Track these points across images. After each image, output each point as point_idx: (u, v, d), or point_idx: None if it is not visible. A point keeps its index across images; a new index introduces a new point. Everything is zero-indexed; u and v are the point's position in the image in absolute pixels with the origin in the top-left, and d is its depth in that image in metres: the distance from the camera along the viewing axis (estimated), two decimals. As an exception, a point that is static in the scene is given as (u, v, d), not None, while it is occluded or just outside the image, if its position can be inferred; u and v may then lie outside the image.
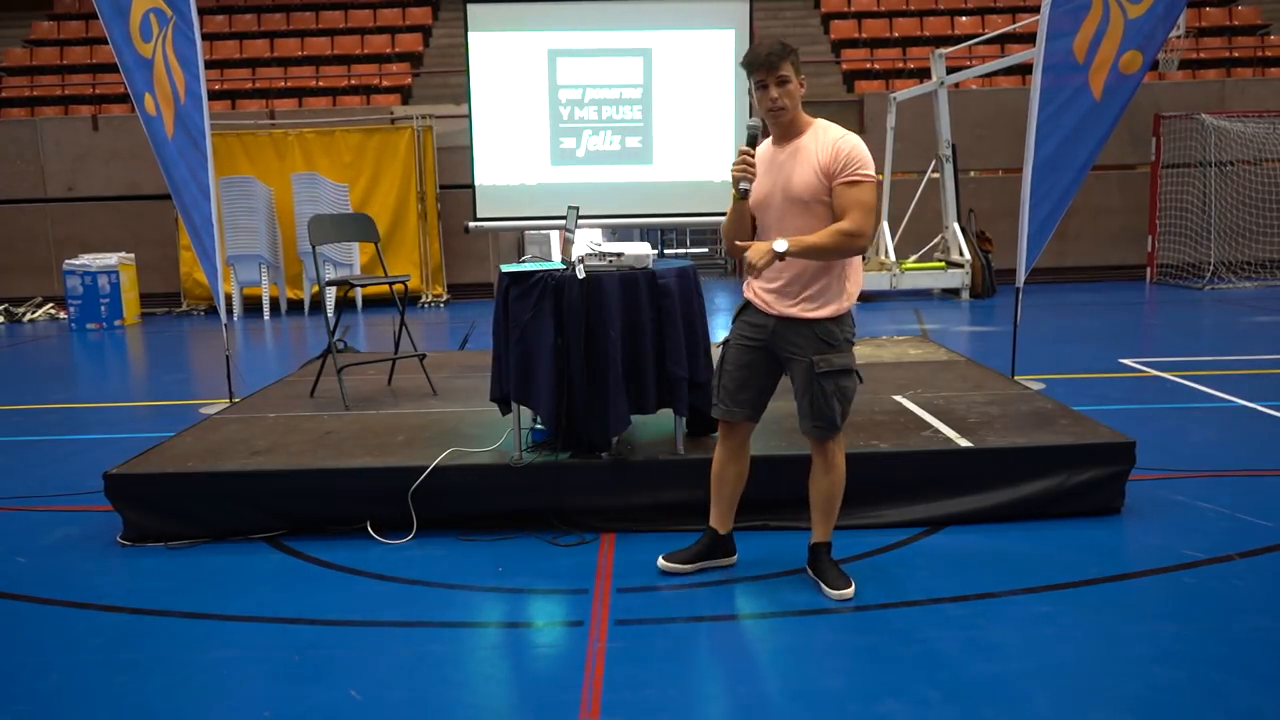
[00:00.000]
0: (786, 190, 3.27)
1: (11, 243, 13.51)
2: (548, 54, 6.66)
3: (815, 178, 3.22)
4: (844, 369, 3.33)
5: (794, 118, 3.28)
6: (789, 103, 3.24)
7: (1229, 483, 4.48)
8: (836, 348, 3.32)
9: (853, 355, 3.38)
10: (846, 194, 3.19)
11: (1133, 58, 5.63)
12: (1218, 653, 2.92)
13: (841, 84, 15.48)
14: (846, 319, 3.36)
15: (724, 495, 3.64)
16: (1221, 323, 9.64)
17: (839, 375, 3.32)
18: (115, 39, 5.96)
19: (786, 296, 3.33)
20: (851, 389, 3.37)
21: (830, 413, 3.32)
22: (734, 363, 3.47)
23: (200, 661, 3.05)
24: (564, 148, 6.76)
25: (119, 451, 4.77)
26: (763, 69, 3.21)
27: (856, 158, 3.20)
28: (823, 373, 3.30)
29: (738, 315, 3.51)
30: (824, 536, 3.50)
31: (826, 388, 3.31)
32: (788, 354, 3.37)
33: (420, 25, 16.57)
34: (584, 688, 2.83)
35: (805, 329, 3.31)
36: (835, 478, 3.45)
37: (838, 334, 3.33)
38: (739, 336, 3.47)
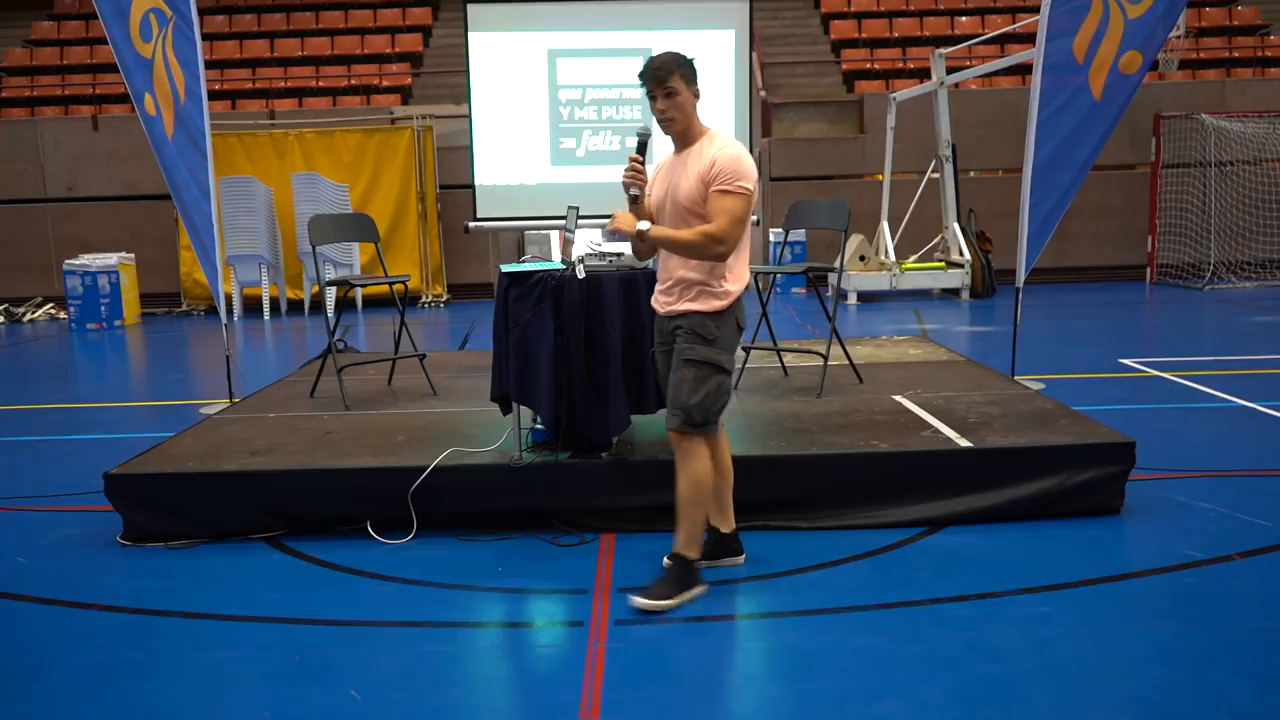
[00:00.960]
0: (674, 197, 3.38)
1: (11, 243, 13.51)
2: (548, 54, 6.66)
3: (697, 186, 3.32)
4: (707, 361, 3.35)
5: (687, 128, 3.38)
6: (676, 114, 3.34)
7: (1229, 483, 4.48)
8: (707, 340, 3.36)
9: (727, 357, 3.40)
10: (716, 201, 3.29)
11: (1132, 58, 5.63)
12: (1218, 653, 2.92)
13: (841, 84, 15.48)
14: (726, 319, 3.39)
15: (714, 494, 3.61)
16: (1221, 323, 9.64)
17: (701, 365, 3.35)
18: (115, 39, 5.96)
19: (671, 295, 3.44)
20: (715, 387, 3.36)
21: (683, 400, 3.33)
22: (661, 370, 3.60)
23: (200, 661, 3.05)
24: (564, 148, 6.76)
25: (119, 451, 4.77)
26: (651, 80, 3.33)
27: (731, 169, 3.27)
28: (686, 359, 3.36)
29: (653, 325, 3.61)
30: (679, 546, 3.41)
31: (686, 374, 3.35)
32: (670, 347, 3.46)
33: (420, 25, 16.57)
34: (584, 688, 2.83)
35: (683, 321, 3.40)
36: (686, 478, 3.38)
37: (711, 328, 3.36)
38: (657, 345, 3.60)
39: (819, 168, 13.68)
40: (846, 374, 5.65)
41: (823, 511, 4.09)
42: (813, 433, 4.48)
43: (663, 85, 3.32)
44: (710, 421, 3.40)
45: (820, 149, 13.77)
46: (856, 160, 13.74)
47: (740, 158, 3.31)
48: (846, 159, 13.75)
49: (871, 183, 13.29)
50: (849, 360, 5.73)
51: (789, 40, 16.49)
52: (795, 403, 5.10)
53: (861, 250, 12.38)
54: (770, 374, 5.89)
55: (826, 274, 6.54)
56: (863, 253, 12.39)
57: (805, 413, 4.86)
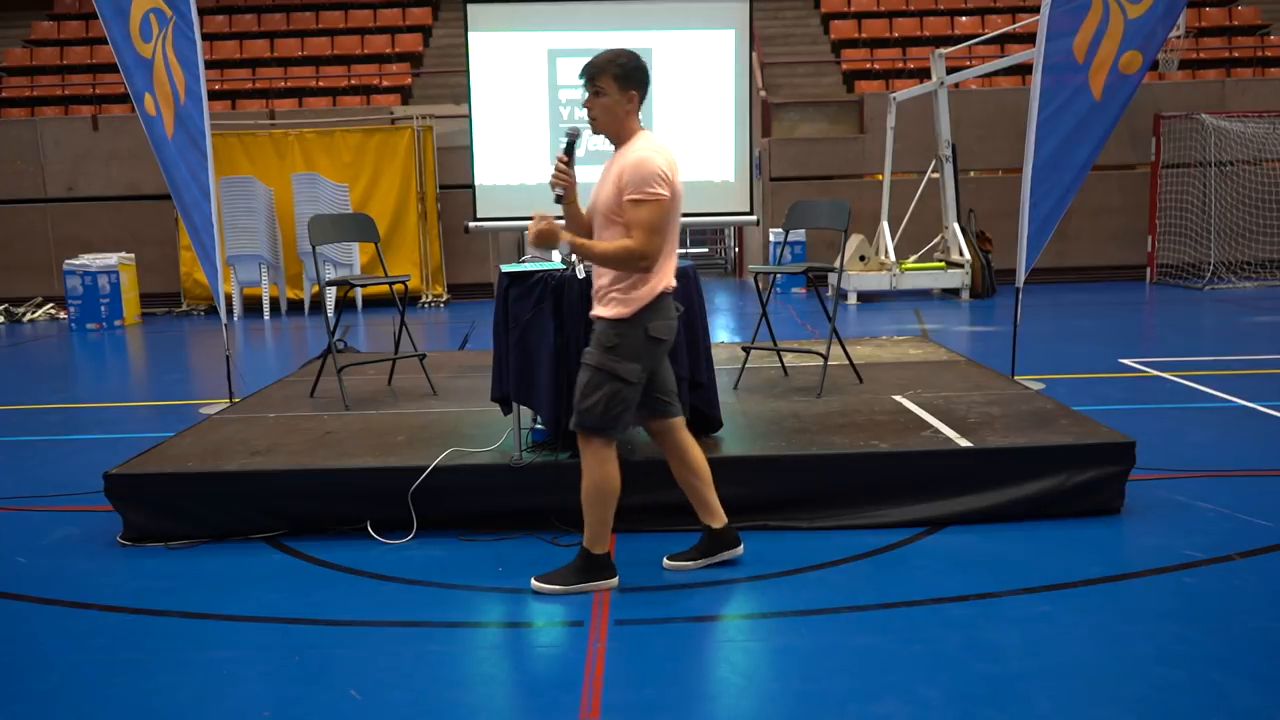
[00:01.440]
0: (596, 202, 3.41)
1: (11, 243, 13.52)
2: (548, 54, 6.65)
3: (613, 193, 3.30)
4: (601, 367, 3.34)
5: (618, 130, 3.37)
6: (600, 114, 3.35)
7: (1229, 483, 4.48)
8: (605, 347, 3.35)
9: (626, 366, 3.34)
10: (629, 213, 3.26)
11: (1132, 58, 5.63)
12: (1218, 653, 2.92)
13: (841, 84, 15.48)
14: (631, 327, 3.34)
15: (692, 494, 3.65)
16: (1221, 323, 9.64)
17: (595, 371, 3.34)
18: (115, 39, 5.96)
19: (595, 299, 3.45)
20: (611, 395, 3.33)
21: (582, 404, 3.35)
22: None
23: (200, 661, 3.05)
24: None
25: (119, 451, 4.77)
26: (583, 77, 3.37)
27: (636, 177, 3.23)
28: (583, 362, 3.39)
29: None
30: (585, 541, 3.49)
31: (581, 377, 3.38)
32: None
33: (420, 25, 16.57)
34: (584, 688, 2.83)
35: (594, 327, 3.43)
36: (587, 479, 3.43)
37: (611, 335, 3.34)
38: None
39: (819, 168, 13.68)
40: (846, 374, 5.65)
41: (823, 511, 4.09)
42: (813, 433, 4.48)
43: (592, 83, 3.35)
44: (608, 427, 3.38)
45: (820, 149, 13.77)
46: (856, 160, 13.74)
47: (645, 162, 3.23)
48: (846, 159, 13.75)
49: (871, 183, 13.29)
50: (849, 360, 5.73)
51: (789, 40, 16.49)
52: (795, 403, 5.10)
53: (861, 250, 12.38)
54: (770, 374, 5.89)
55: (826, 274, 6.54)
56: (863, 253, 12.39)
57: (805, 413, 4.86)
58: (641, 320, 3.34)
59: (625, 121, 3.36)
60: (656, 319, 3.37)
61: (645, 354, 3.38)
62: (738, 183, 6.84)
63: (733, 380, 5.59)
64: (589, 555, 3.51)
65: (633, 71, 3.32)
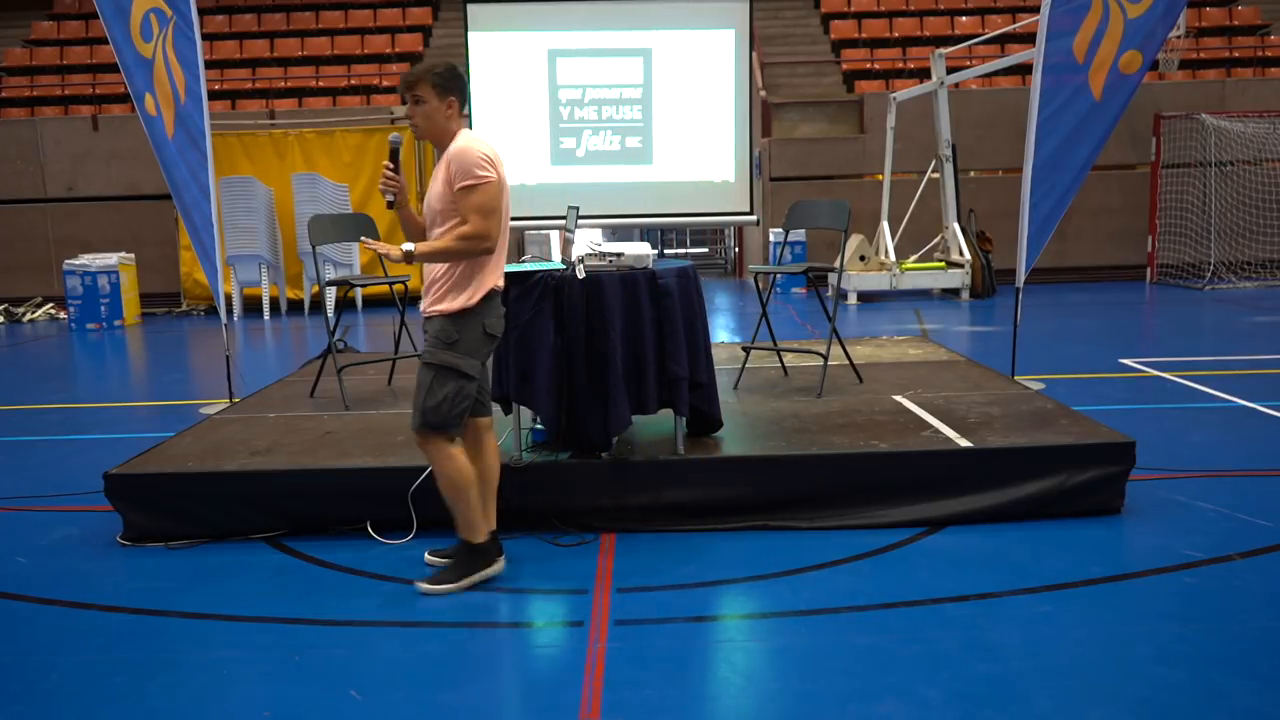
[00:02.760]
0: (429, 203, 3.50)
1: (11, 243, 13.52)
2: (548, 54, 6.65)
3: (444, 189, 3.43)
4: (445, 365, 3.42)
5: (440, 134, 3.47)
6: (420, 121, 3.45)
7: (1229, 483, 4.48)
8: (446, 344, 3.44)
9: (468, 362, 3.45)
10: (461, 201, 3.39)
11: (1132, 57, 5.63)
12: (1218, 653, 2.92)
13: (841, 84, 15.48)
14: (470, 322, 3.44)
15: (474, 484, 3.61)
16: (1221, 323, 9.64)
17: (439, 370, 3.43)
18: (115, 39, 5.96)
19: (428, 296, 3.51)
20: (454, 392, 3.42)
21: (425, 404, 3.42)
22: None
23: (200, 661, 3.05)
24: (564, 148, 6.75)
25: (119, 451, 4.77)
26: (403, 87, 3.46)
27: (463, 165, 3.37)
28: (425, 363, 3.46)
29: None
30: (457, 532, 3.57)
31: (423, 379, 3.45)
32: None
33: (420, 25, 16.57)
34: (584, 688, 2.83)
35: (430, 325, 3.49)
36: (441, 478, 3.50)
37: (452, 332, 3.44)
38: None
39: (819, 168, 13.68)
40: (846, 374, 5.65)
41: (823, 511, 4.09)
42: (813, 433, 4.48)
43: (411, 91, 3.43)
44: (449, 425, 3.46)
45: (820, 149, 13.77)
46: (856, 160, 13.74)
47: (467, 150, 3.39)
48: (846, 159, 13.75)
49: (871, 183, 13.29)
50: (849, 360, 5.73)
51: (789, 40, 16.49)
52: (795, 403, 5.10)
53: (861, 250, 12.38)
54: (770, 374, 5.89)
55: (826, 274, 6.54)
56: (863, 253, 12.39)
57: (805, 413, 4.86)
58: (479, 315, 3.46)
59: (447, 126, 3.48)
60: (492, 316, 3.51)
61: (482, 349, 3.52)
62: (738, 183, 6.84)
63: (733, 380, 5.59)
64: (470, 546, 3.56)
65: (449, 80, 3.46)
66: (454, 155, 3.41)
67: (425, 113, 3.44)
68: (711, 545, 3.92)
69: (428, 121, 3.46)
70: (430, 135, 3.49)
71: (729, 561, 3.75)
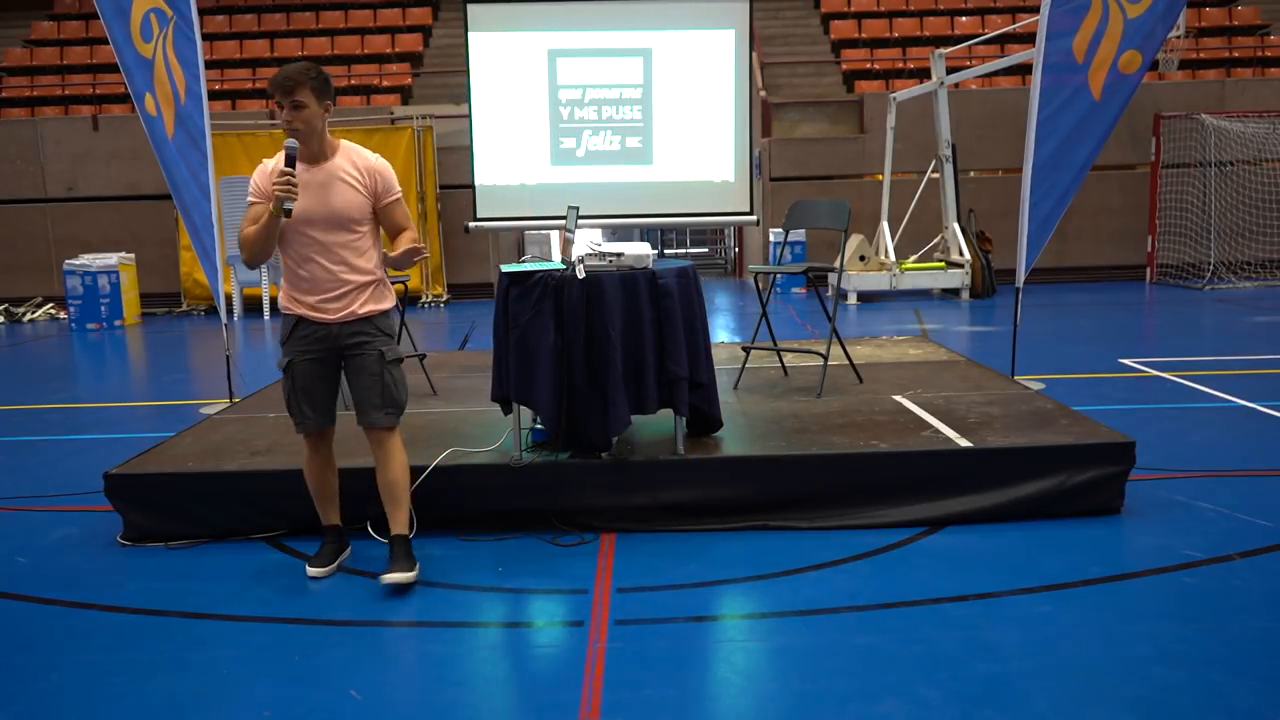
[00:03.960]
0: (329, 209, 3.51)
1: (11, 243, 13.52)
2: (548, 54, 6.66)
3: (359, 198, 3.54)
4: (400, 358, 3.68)
5: (320, 142, 3.54)
6: (302, 126, 3.48)
7: (1229, 483, 4.48)
8: (392, 335, 3.68)
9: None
10: (395, 211, 3.62)
11: (1132, 57, 5.63)
12: (1218, 653, 2.92)
13: (841, 84, 15.48)
14: (394, 314, 3.74)
15: (331, 497, 3.81)
16: (1221, 323, 9.64)
17: (398, 362, 3.66)
18: (116, 39, 5.96)
19: (344, 300, 3.56)
20: (403, 378, 3.69)
21: (401, 399, 3.64)
22: (307, 378, 3.62)
23: (200, 661, 3.05)
24: (564, 148, 6.76)
25: (119, 451, 4.77)
26: (279, 91, 3.45)
27: (388, 180, 3.61)
28: (391, 360, 3.62)
29: (290, 335, 3.62)
30: (401, 528, 3.65)
31: (394, 373, 3.62)
32: (351, 351, 3.60)
33: (420, 25, 16.57)
34: (584, 688, 2.83)
35: (374, 323, 3.61)
36: (403, 462, 3.68)
37: (390, 325, 3.69)
38: (302, 353, 3.60)
39: (819, 168, 13.68)
40: (846, 374, 5.65)
41: (823, 511, 4.09)
42: (813, 433, 4.48)
43: (290, 96, 3.45)
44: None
45: (820, 149, 13.77)
46: (856, 160, 13.74)
47: (386, 167, 3.63)
48: (846, 159, 13.75)
49: (871, 183, 13.29)
50: (849, 360, 5.73)
51: (789, 40, 16.49)
52: (795, 403, 5.10)
53: (861, 250, 12.38)
54: (770, 374, 5.89)
55: (826, 274, 6.54)
56: (863, 253, 12.39)
57: (805, 413, 4.86)
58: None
59: (324, 131, 3.56)
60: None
61: None
62: (738, 183, 6.84)
63: (733, 380, 5.59)
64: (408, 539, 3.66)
65: (326, 83, 3.54)
66: (377, 168, 3.59)
67: (306, 117, 3.47)
68: (711, 545, 3.92)
69: (309, 126, 3.48)
70: (308, 140, 3.50)
71: (729, 561, 3.75)
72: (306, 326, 3.59)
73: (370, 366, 3.58)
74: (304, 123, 3.47)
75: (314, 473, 3.74)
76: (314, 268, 3.54)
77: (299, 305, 3.58)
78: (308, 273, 3.55)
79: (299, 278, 3.57)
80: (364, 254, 3.59)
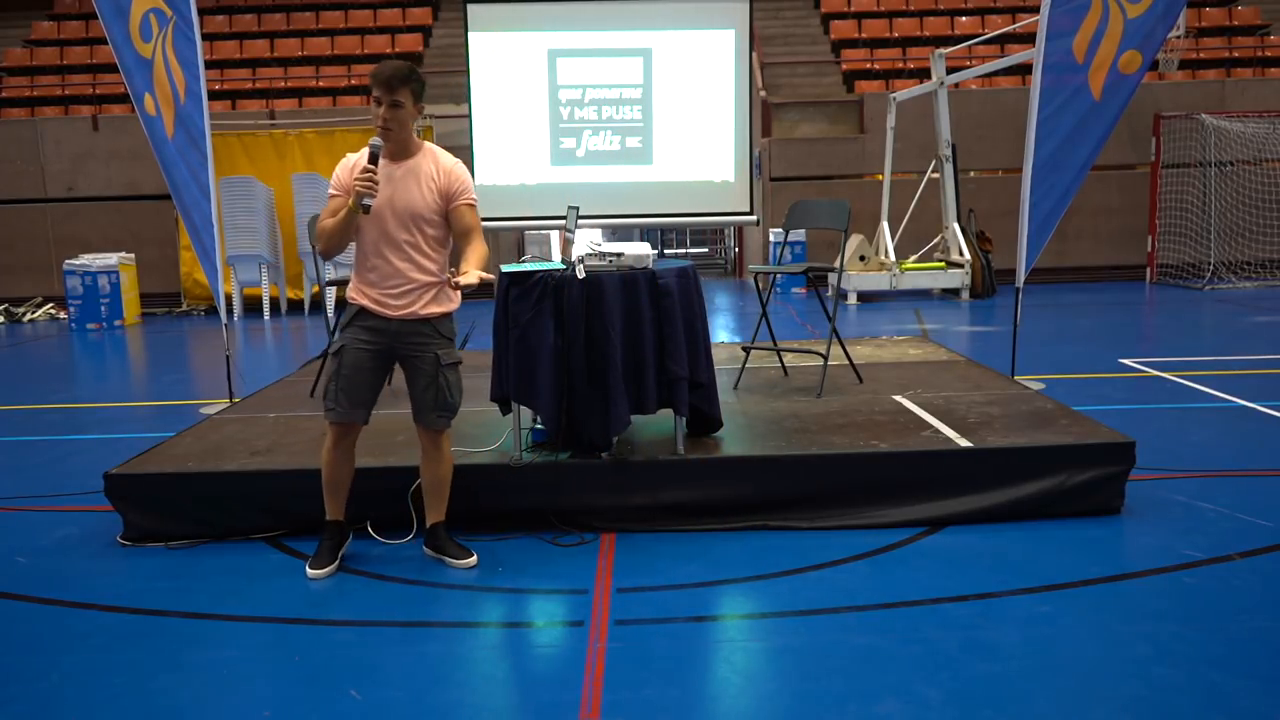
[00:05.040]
0: (400, 207, 3.53)
1: (11, 243, 13.52)
2: (548, 54, 6.66)
3: (433, 198, 3.56)
4: (459, 361, 3.72)
5: (407, 141, 3.56)
6: (395, 126, 3.48)
7: (1229, 483, 4.48)
8: (452, 342, 3.70)
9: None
10: (468, 216, 3.61)
11: (1132, 57, 5.63)
12: (1218, 653, 2.92)
13: (841, 84, 15.48)
14: (455, 318, 3.75)
15: (340, 492, 3.80)
16: (1221, 323, 9.64)
17: (457, 366, 3.70)
18: (115, 39, 5.96)
19: (408, 299, 3.59)
20: (460, 380, 3.73)
21: (455, 402, 3.70)
22: (353, 367, 3.63)
23: (200, 661, 3.05)
24: (564, 148, 6.76)
25: (119, 451, 4.77)
26: (382, 88, 3.45)
27: (465, 182, 3.61)
28: (447, 364, 3.65)
29: (349, 322, 3.67)
30: (441, 516, 3.82)
31: (450, 379, 3.66)
32: (409, 351, 3.63)
33: (420, 25, 16.57)
34: (584, 688, 2.83)
35: (435, 326, 3.64)
36: (450, 462, 3.81)
37: (451, 329, 3.72)
38: (356, 342, 3.64)
39: (819, 168, 13.68)
40: (846, 374, 5.65)
41: (823, 511, 4.09)
42: (813, 433, 4.48)
43: (392, 94, 3.44)
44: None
45: (820, 149, 13.77)
46: (856, 160, 13.74)
47: (461, 168, 3.63)
48: (846, 159, 13.75)
49: (871, 183, 13.29)
50: (849, 360, 5.73)
51: (789, 40, 16.49)
52: (795, 403, 5.10)
53: (861, 250, 12.38)
54: (770, 374, 5.89)
55: (826, 274, 6.54)
56: (863, 253, 12.39)
57: (805, 413, 4.86)
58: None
59: (412, 134, 3.58)
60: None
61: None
62: (738, 183, 6.85)
63: (733, 380, 5.59)
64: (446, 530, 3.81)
65: (423, 87, 3.57)
66: (456, 169, 3.59)
67: (401, 117, 3.47)
68: (711, 545, 3.92)
69: (402, 126, 3.49)
70: (398, 141, 3.51)
71: (729, 561, 3.75)
72: (367, 317, 3.61)
73: (426, 370, 3.62)
74: (397, 122, 3.47)
75: (332, 463, 3.72)
76: (382, 262, 3.56)
77: (364, 296, 3.62)
78: (376, 266, 3.58)
79: (367, 270, 3.60)
80: (433, 254, 3.60)
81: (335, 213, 3.54)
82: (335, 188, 3.58)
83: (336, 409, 3.63)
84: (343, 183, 3.55)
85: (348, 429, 3.69)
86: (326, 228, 3.54)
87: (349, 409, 3.63)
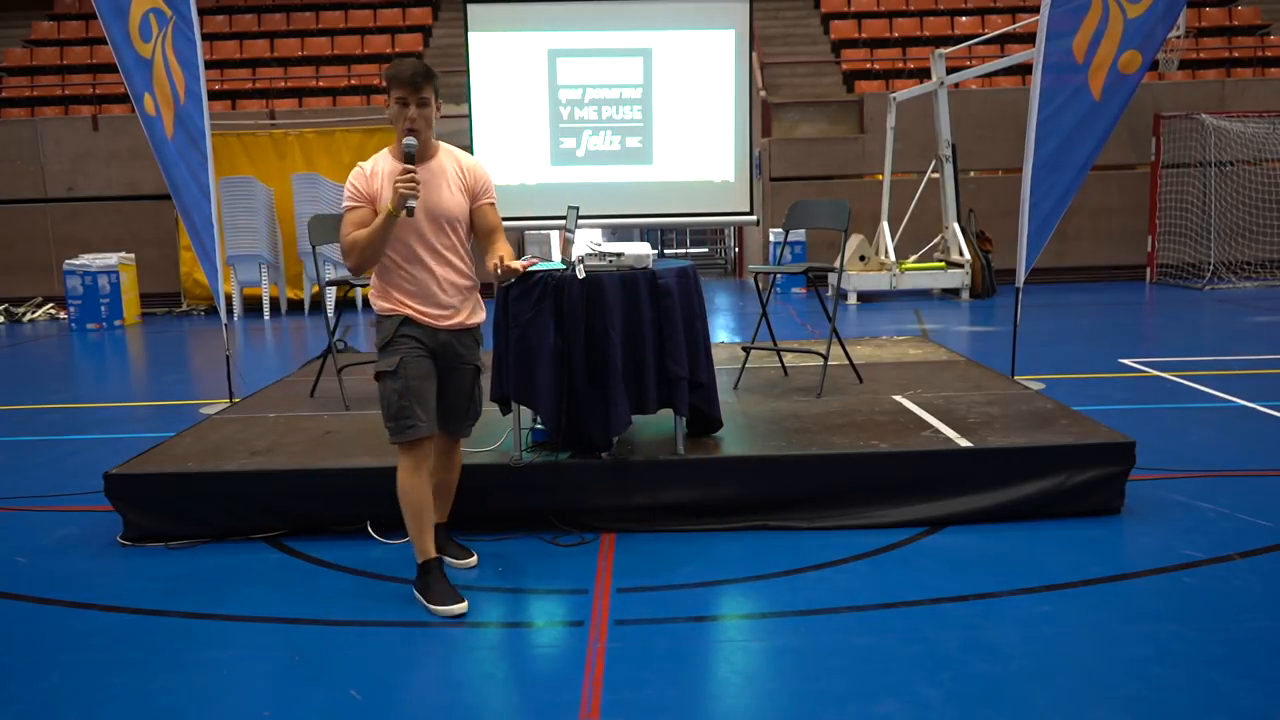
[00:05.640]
0: (435, 209, 3.42)
1: (11, 243, 13.52)
2: (548, 54, 6.65)
3: (461, 198, 3.48)
4: (484, 368, 3.73)
5: (429, 140, 3.45)
6: (423, 125, 3.37)
7: (1229, 483, 4.48)
8: (481, 346, 3.67)
9: None
10: (492, 215, 3.56)
11: (1132, 57, 5.63)
12: (1218, 653, 2.92)
13: (841, 84, 15.48)
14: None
15: (430, 522, 3.47)
16: (1221, 323, 9.64)
17: (481, 372, 3.70)
18: (115, 39, 5.96)
19: (460, 309, 3.53)
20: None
21: (478, 407, 3.69)
22: (418, 377, 3.39)
23: (200, 661, 3.05)
24: (564, 148, 6.76)
25: (119, 451, 4.77)
26: (407, 87, 3.32)
27: (487, 181, 3.56)
28: (478, 368, 3.66)
29: (396, 333, 3.40)
30: (444, 518, 3.83)
31: (481, 387, 3.69)
32: (454, 362, 3.55)
33: (420, 25, 16.57)
34: (584, 688, 2.83)
35: (468, 336, 3.58)
36: (460, 465, 3.83)
37: (483, 335, 3.69)
38: (413, 351, 3.40)
39: (819, 168, 13.68)
40: (846, 374, 5.65)
41: (823, 511, 4.09)
42: (813, 433, 4.48)
43: (419, 93, 3.33)
44: None
45: (820, 149, 13.77)
46: (856, 160, 13.74)
47: (482, 166, 3.58)
48: (846, 159, 13.76)
49: (871, 183, 13.29)
50: (849, 360, 5.73)
51: (789, 40, 16.49)
52: (795, 403, 5.10)
53: (861, 250, 12.38)
54: (770, 374, 5.89)
55: (826, 274, 6.54)
56: (863, 253, 12.39)
57: (805, 413, 4.86)
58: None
59: (433, 132, 3.50)
60: None
61: None
62: (738, 183, 6.84)
63: (733, 380, 5.59)
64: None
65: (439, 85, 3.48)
66: (475, 168, 3.54)
67: (428, 116, 3.35)
68: (711, 545, 3.92)
69: (428, 124, 3.37)
70: (424, 141, 3.39)
71: (729, 561, 3.76)
72: (414, 327, 3.42)
73: (466, 381, 3.60)
74: (425, 121, 3.35)
75: (418, 489, 3.40)
76: (420, 270, 3.41)
77: (405, 306, 3.41)
78: (413, 275, 3.41)
79: (402, 279, 3.41)
80: (465, 257, 3.52)
81: (363, 223, 3.33)
82: (353, 199, 3.37)
83: (418, 424, 3.35)
84: (361, 192, 3.38)
85: (426, 444, 3.43)
86: (360, 240, 3.30)
87: (429, 420, 3.40)
